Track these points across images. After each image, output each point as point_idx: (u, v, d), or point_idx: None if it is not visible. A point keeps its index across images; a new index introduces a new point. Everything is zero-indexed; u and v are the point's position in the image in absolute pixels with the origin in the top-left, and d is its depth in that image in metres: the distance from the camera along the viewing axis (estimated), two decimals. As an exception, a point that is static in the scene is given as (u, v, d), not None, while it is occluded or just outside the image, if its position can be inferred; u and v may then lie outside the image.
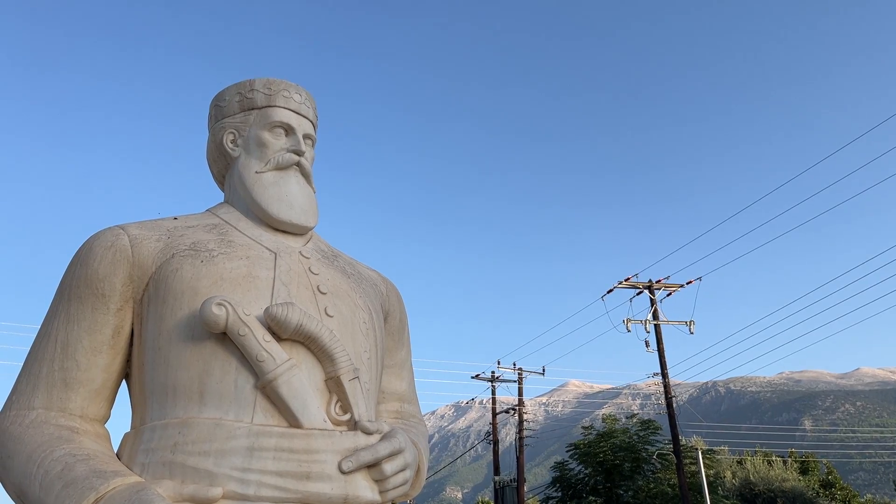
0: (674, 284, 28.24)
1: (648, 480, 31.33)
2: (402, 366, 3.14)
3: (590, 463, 31.72)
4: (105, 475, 2.17)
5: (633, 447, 31.45)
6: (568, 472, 33.13)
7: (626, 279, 28.12)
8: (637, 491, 30.66)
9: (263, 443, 2.25)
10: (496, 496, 38.14)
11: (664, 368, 27.24)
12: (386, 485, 2.40)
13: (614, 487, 31.17)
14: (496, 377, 40.22)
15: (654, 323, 27.35)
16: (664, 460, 31.34)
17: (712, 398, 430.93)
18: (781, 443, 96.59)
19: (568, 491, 32.55)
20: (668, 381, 27.02)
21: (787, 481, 36.99)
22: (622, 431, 32.73)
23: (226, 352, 2.37)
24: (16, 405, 2.44)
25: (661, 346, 27.22)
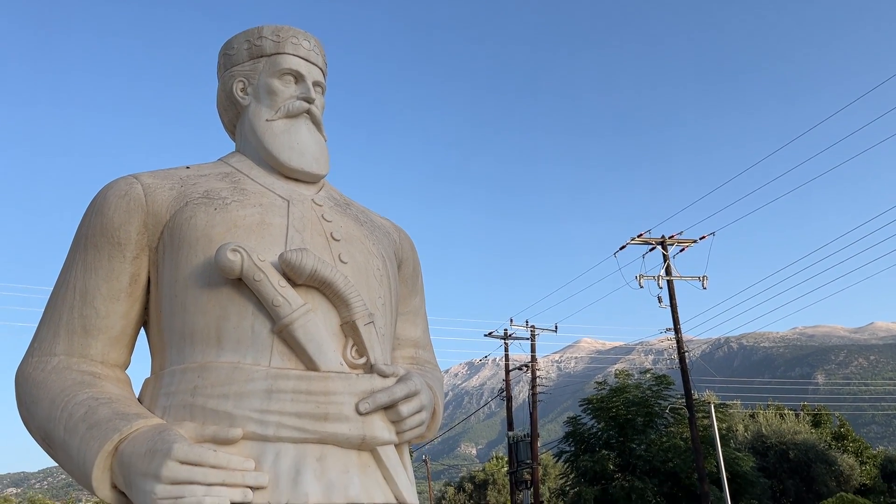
0: (687, 240, 28.12)
1: (661, 434, 31.63)
2: (416, 313, 3.17)
3: (602, 418, 32.03)
4: (128, 417, 2.21)
5: (645, 402, 31.69)
6: (581, 427, 33.48)
7: (638, 235, 28.01)
8: (650, 445, 30.98)
9: (281, 385, 2.29)
10: (510, 451, 38.69)
11: (677, 324, 27.29)
12: (402, 426, 2.44)
13: (627, 441, 31.51)
14: (509, 335, 40.47)
15: (666, 279, 27.32)
16: (677, 414, 31.60)
17: (725, 354, 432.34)
18: (794, 396, 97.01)
19: (581, 445, 32.94)
20: (680, 336, 27.09)
21: (799, 434, 37.22)
22: (635, 387, 32.95)
23: (242, 297, 2.40)
24: (37, 352, 2.49)
25: (673, 301, 27.22)
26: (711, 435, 27.31)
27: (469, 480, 65.41)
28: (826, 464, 35.57)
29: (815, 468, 34.98)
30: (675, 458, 29.99)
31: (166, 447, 2.05)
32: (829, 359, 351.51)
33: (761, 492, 30.47)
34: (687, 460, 28.89)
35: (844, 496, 22.03)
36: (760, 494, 30.32)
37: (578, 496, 31.67)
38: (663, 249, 27.80)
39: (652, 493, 29.36)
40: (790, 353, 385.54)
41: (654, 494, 29.51)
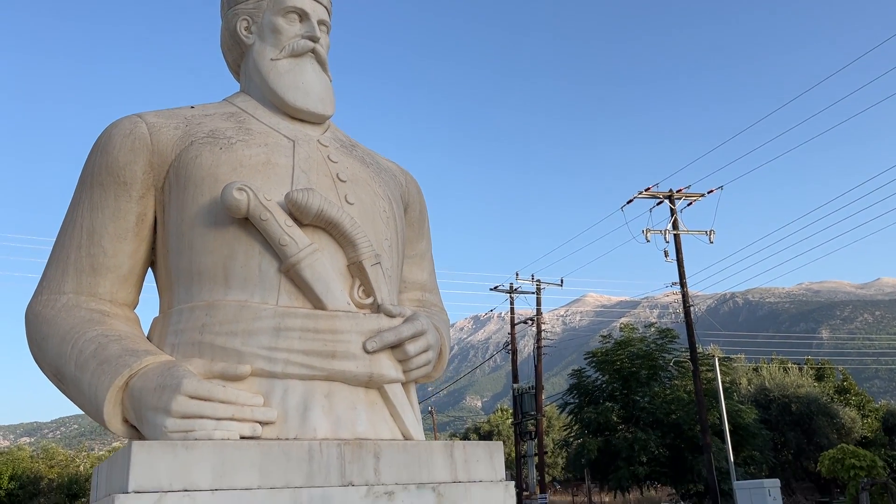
0: (694, 194, 27.93)
1: (665, 387, 31.88)
2: (422, 256, 3.17)
3: (607, 370, 32.25)
4: (137, 353, 2.23)
5: (650, 355, 31.86)
6: (585, 380, 33.75)
7: (646, 189, 27.84)
8: (653, 397, 31.25)
9: (289, 323, 2.30)
10: (515, 403, 39.12)
11: (683, 278, 27.28)
12: (409, 364, 2.45)
13: (631, 394, 31.78)
14: (515, 289, 40.57)
15: (673, 233, 27.23)
16: (681, 367, 31.80)
17: (730, 309, 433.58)
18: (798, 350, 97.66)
19: (585, 397, 33.24)
20: (686, 290, 27.11)
21: (801, 387, 37.47)
22: (640, 340, 33.09)
23: (248, 237, 2.40)
24: (46, 290, 2.50)
25: (680, 255, 27.17)
26: (715, 388, 27.52)
27: (474, 432, 66.38)
28: (828, 417, 35.90)
29: (816, 421, 35.31)
30: (679, 410, 30.27)
31: (176, 382, 2.07)
32: (835, 314, 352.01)
33: (762, 443, 30.80)
34: (690, 412, 29.18)
35: (845, 447, 22.26)
36: (762, 446, 30.64)
37: (582, 447, 32.09)
38: (671, 203, 27.64)
39: (655, 444, 29.71)
40: (795, 309, 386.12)
41: (656, 445, 29.86)
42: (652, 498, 41.73)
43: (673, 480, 31.41)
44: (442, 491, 2.23)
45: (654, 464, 30.42)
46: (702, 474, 27.59)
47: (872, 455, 21.49)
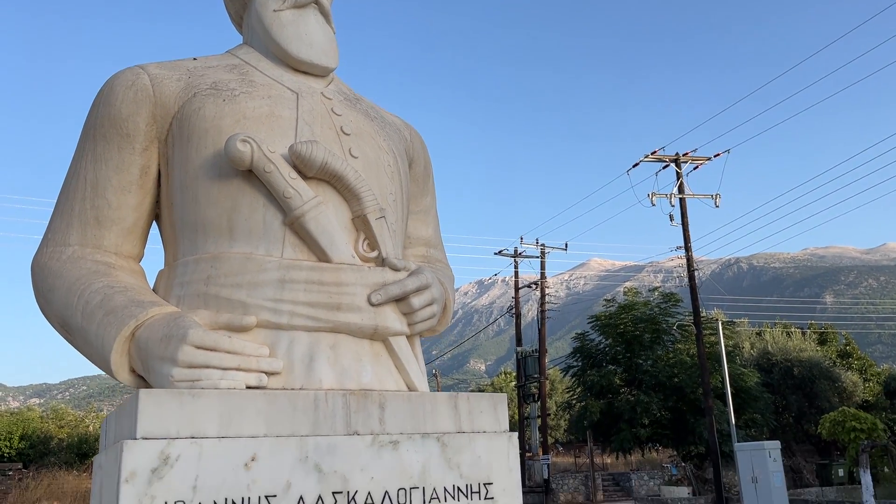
0: (701, 157, 27.73)
1: (667, 351, 32.08)
2: (427, 212, 3.16)
3: (610, 334, 32.43)
4: (143, 304, 2.24)
5: (653, 319, 31.99)
6: (588, 343, 33.95)
7: (652, 153, 27.65)
8: (656, 360, 31.46)
9: (294, 275, 2.30)
10: (518, 366, 39.44)
11: (687, 242, 27.24)
12: (414, 318, 2.46)
13: (634, 357, 31.99)
14: (519, 253, 40.62)
15: (679, 197, 27.12)
16: (684, 331, 31.96)
17: (734, 274, 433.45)
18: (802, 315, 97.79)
19: (588, 360, 33.48)
20: (690, 254, 27.09)
21: (804, 351, 37.62)
22: (643, 304, 33.20)
23: (253, 189, 2.39)
24: (52, 242, 2.51)
25: (685, 219, 27.09)
26: (717, 352, 27.64)
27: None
28: (830, 380, 36.11)
29: (818, 384, 35.53)
30: (681, 373, 30.50)
31: (182, 332, 2.08)
32: (839, 279, 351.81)
33: (764, 406, 31.05)
34: (692, 376, 29.39)
35: (846, 410, 22.45)
36: (763, 409, 30.89)
37: (585, 409, 32.43)
38: (677, 167, 27.48)
39: (657, 406, 30.01)
40: (800, 274, 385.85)
41: (658, 408, 30.16)
42: (653, 460, 42.25)
43: (674, 442, 31.78)
44: (446, 441, 2.25)
45: (656, 426, 30.75)
46: (703, 436, 27.90)
47: (873, 418, 21.69)
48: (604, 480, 37.25)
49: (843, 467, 28.05)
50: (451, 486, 2.22)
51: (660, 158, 27.63)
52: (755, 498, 20.80)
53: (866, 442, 20.13)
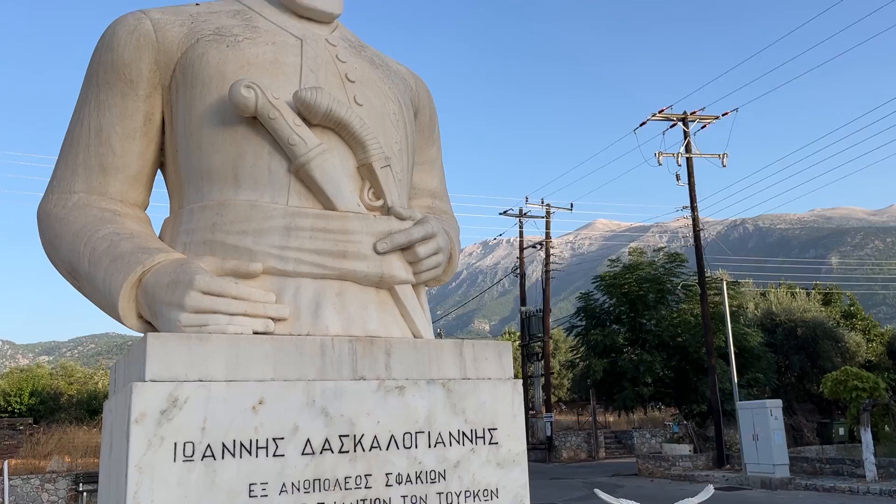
0: (709, 116, 27.48)
1: (672, 311, 32.16)
2: (432, 163, 3.14)
3: (614, 294, 32.47)
4: (149, 251, 2.25)
5: (658, 279, 31.99)
6: (592, 303, 34.03)
7: (659, 111, 27.40)
8: (660, 320, 31.55)
9: (300, 223, 2.30)
10: (522, 326, 39.70)
11: (694, 202, 27.14)
12: (419, 266, 2.47)
13: (637, 317, 32.09)
14: (524, 213, 40.56)
15: (686, 156, 26.94)
16: (688, 291, 31.99)
17: (740, 235, 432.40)
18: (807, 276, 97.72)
19: (592, 320, 33.60)
20: (696, 213, 27.00)
21: (808, 312, 37.69)
22: (648, 264, 33.17)
23: (258, 136, 2.38)
24: (57, 189, 2.51)
25: (691, 179, 26.95)
26: (721, 311, 27.71)
27: (482, 353, 67.55)
28: (833, 340, 36.24)
29: (821, 345, 35.67)
30: (685, 333, 30.63)
31: (188, 278, 2.09)
32: (845, 241, 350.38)
33: (767, 366, 31.21)
34: (696, 335, 29.51)
35: (849, 369, 22.58)
36: (766, 368, 31.06)
37: (588, 368, 32.68)
38: (684, 126, 27.24)
39: (660, 365, 30.20)
40: (806, 235, 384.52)
41: (661, 367, 30.36)
42: (655, 418, 42.71)
43: (677, 401, 32.07)
44: (451, 387, 2.27)
45: (659, 385, 31.01)
46: (705, 395, 28.13)
47: (875, 377, 21.84)
48: (606, 438, 37.78)
49: (844, 426, 28.33)
50: (457, 430, 2.24)
51: (667, 117, 27.39)
52: (756, 455, 21.06)
53: (868, 401, 20.31)
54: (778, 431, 20.84)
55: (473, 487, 2.23)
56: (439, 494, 2.17)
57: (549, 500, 18.12)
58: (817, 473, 21.12)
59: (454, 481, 2.20)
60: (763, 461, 20.70)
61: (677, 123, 27.30)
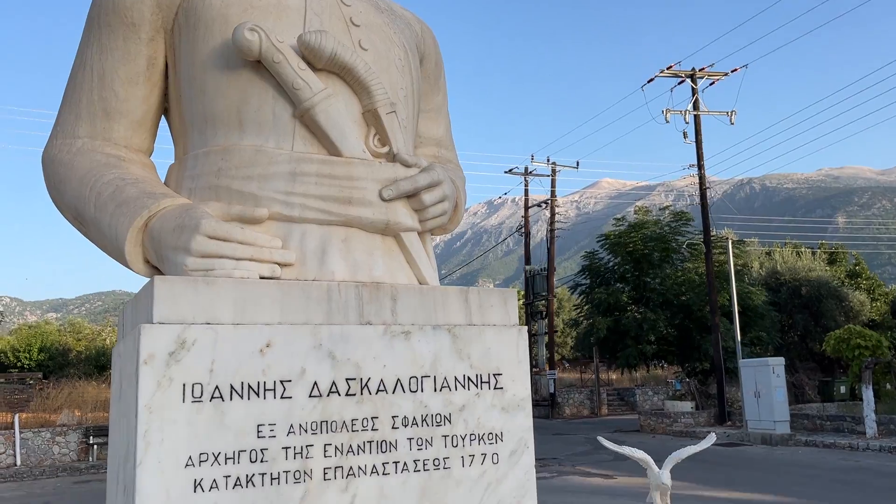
0: (717, 72, 27.10)
1: (676, 269, 32.17)
2: (438, 111, 3.11)
3: (619, 252, 32.43)
4: (155, 196, 2.25)
5: (663, 238, 31.92)
6: (597, 262, 34.03)
7: (667, 67, 27.04)
8: (664, 279, 31.57)
9: (305, 168, 2.29)
10: (526, 284, 39.80)
11: (700, 160, 26.95)
12: (425, 214, 2.46)
13: (642, 276, 32.09)
14: (529, 171, 40.36)
15: (693, 113, 26.67)
16: (693, 250, 31.96)
17: (746, 195, 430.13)
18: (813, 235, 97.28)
19: (596, 279, 33.64)
20: (703, 171, 26.83)
21: (813, 271, 37.66)
22: (654, 223, 33.07)
23: (262, 80, 2.35)
24: (61, 135, 2.50)
25: (699, 137, 26.71)
26: (726, 270, 27.68)
27: (487, 312, 67.86)
28: (837, 299, 36.26)
29: (825, 304, 35.71)
30: (689, 291, 30.67)
31: (194, 223, 2.09)
32: (853, 200, 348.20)
33: (770, 324, 31.31)
34: (700, 294, 29.57)
35: (852, 328, 22.66)
36: (769, 327, 31.15)
37: (591, 326, 32.81)
38: (692, 83, 26.89)
39: (663, 324, 30.31)
40: (813, 195, 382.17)
41: (665, 325, 30.48)
42: (658, 376, 43.07)
43: (680, 359, 32.29)
44: (457, 332, 2.28)
45: (662, 343, 31.18)
46: (708, 353, 28.31)
47: (878, 335, 21.93)
48: (608, 395, 38.16)
49: (845, 384, 28.52)
50: (462, 375, 2.26)
51: (675, 74, 27.04)
52: (757, 412, 21.26)
53: (870, 359, 20.42)
54: (779, 389, 21.00)
55: (478, 431, 2.26)
56: (445, 437, 2.20)
57: (552, 455, 18.39)
58: (817, 430, 21.34)
59: (459, 425, 2.23)
60: (764, 418, 20.91)
61: (685, 80, 26.95)
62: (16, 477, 17.72)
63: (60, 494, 14.84)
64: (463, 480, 2.20)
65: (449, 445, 2.20)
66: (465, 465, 2.21)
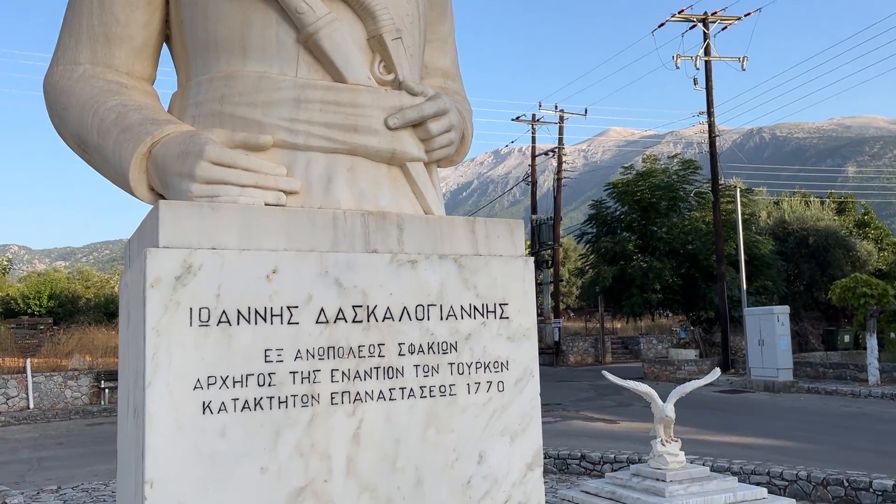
0: (730, 17, 26.53)
1: (683, 218, 32.07)
2: (444, 41, 3.04)
3: (626, 201, 32.30)
4: (158, 122, 2.22)
5: (671, 186, 31.73)
6: (604, 211, 33.93)
7: (679, 11, 26.49)
8: (671, 227, 31.50)
9: (309, 95, 2.26)
10: (532, 234, 39.77)
11: (711, 107, 26.60)
12: (431, 144, 2.43)
13: (649, 224, 32.01)
14: (537, 119, 39.95)
15: (704, 59, 26.21)
16: (701, 199, 31.81)
17: (756, 144, 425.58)
18: (822, 185, 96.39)
19: (603, 228, 33.60)
20: (713, 119, 26.50)
21: (821, 220, 37.47)
22: (662, 171, 32.82)
23: (265, 4, 2.30)
24: (62, 61, 2.46)
25: (709, 83, 26.30)
26: (734, 219, 27.56)
27: (493, 261, 67.92)
28: (844, 249, 36.17)
29: (832, 253, 35.64)
30: (696, 240, 30.64)
31: (198, 149, 2.07)
32: (864, 150, 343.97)
33: (776, 274, 31.30)
34: (707, 243, 29.54)
35: (858, 276, 22.57)
36: (775, 276, 31.16)
37: (597, 275, 32.89)
38: (704, 27, 26.36)
39: (669, 272, 30.36)
40: (824, 145, 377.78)
41: (671, 274, 30.53)
42: (663, 325, 43.32)
43: (685, 308, 32.43)
44: (463, 262, 2.28)
45: (668, 292, 31.27)
46: (713, 302, 28.40)
47: (884, 284, 21.87)
48: (613, 344, 38.47)
49: (850, 333, 28.64)
50: (468, 304, 2.27)
51: (687, 18, 26.50)
52: (760, 359, 21.42)
53: (875, 307, 20.44)
54: (784, 337, 21.11)
55: (484, 359, 2.27)
56: (451, 365, 2.21)
57: (556, 401, 18.63)
58: (820, 378, 21.52)
59: (465, 353, 2.24)
60: (767, 365, 21.07)
61: (697, 24, 26.42)
62: (30, 419, 18.08)
63: (74, 436, 15.16)
64: (468, 407, 2.22)
65: (455, 373, 2.22)
66: (470, 392, 2.23)
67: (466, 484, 2.19)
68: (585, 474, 8.53)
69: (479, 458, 2.22)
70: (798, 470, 7.39)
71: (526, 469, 2.29)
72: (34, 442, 14.47)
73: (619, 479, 3.41)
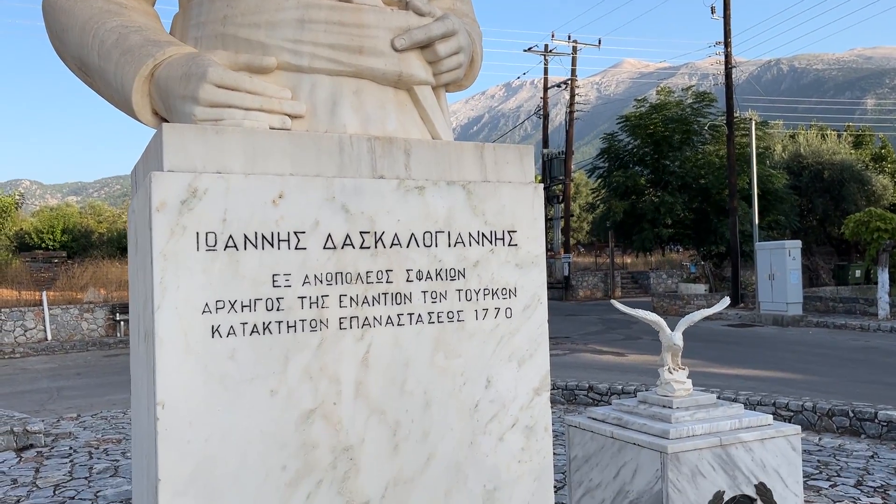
0: (750, -58, 25.65)
1: (696, 152, 31.66)
2: None
3: (639, 135, 31.86)
4: (160, 44, 2.17)
5: (685, 119, 31.22)
6: (616, 144, 33.52)
7: (697, -63, 25.61)
8: (684, 161, 31.13)
9: (314, 15, 2.19)
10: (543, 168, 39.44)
11: (728, 37, 25.93)
12: (439, 67, 2.37)
13: (661, 158, 31.64)
14: (549, 49, 39.14)
15: (722, -14, 25.41)
16: (715, 132, 31.33)
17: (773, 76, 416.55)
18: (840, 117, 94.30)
19: (615, 162, 33.25)
20: (729, 49, 25.87)
21: (837, 154, 36.88)
22: (675, 104, 32.25)
23: None
24: None
25: (727, 11, 25.55)
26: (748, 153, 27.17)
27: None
28: (859, 183, 35.71)
29: (847, 187, 35.21)
30: (709, 174, 30.33)
31: (201, 71, 2.03)
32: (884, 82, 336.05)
33: (789, 208, 31.03)
34: (720, 177, 29.22)
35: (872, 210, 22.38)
36: (788, 211, 30.92)
37: (608, 210, 32.75)
38: (723, -47, 25.47)
39: (681, 207, 30.18)
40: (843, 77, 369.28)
41: (682, 209, 30.35)
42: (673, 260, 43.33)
43: (696, 242, 32.34)
44: (471, 189, 2.25)
45: (679, 226, 31.15)
46: (725, 236, 28.28)
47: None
48: (622, 278, 38.58)
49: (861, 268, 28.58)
50: (476, 231, 2.25)
51: (706, -57, 25.56)
52: (770, 294, 21.45)
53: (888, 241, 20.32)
54: (794, 271, 21.08)
55: (492, 286, 2.27)
56: (459, 291, 2.21)
57: (565, 335, 18.81)
58: (829, 312, 21.57)
59: (473, 279, 2.24)
60: (777, 300, 21.12)
61: (716, -50, 25.50)
62: (48, 350, 18.46)
63: (91, 367, 15.49)
64: (476, 333, 2.23)
65: (463, 299, 2.22)
66: (478, 318, 2.23)
67: (474, 408, 2.21)
68: (593, 405, 8.66)
69: (486, 383, 2.23)
70: (804, 401, 7.47)
71: (533, 393, 2.31)
72: (53, 372, 14.80)
73: (626, 405, 3.45)
